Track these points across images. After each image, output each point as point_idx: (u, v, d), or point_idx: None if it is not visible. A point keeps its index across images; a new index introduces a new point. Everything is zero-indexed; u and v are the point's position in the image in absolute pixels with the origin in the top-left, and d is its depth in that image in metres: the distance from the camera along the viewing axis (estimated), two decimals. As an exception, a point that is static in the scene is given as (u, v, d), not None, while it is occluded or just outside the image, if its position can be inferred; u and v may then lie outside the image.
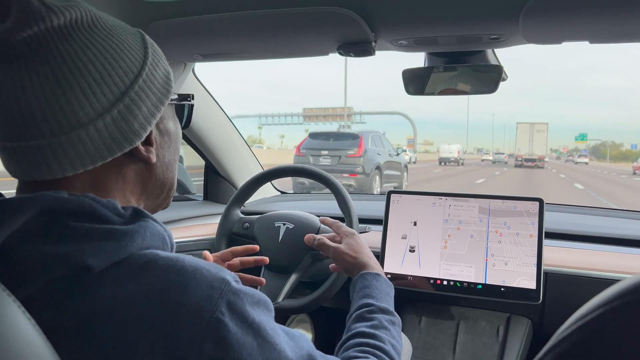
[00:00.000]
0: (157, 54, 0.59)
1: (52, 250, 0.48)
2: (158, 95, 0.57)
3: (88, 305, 0.48)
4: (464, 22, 0.94)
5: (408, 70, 1.17)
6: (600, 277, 1.18)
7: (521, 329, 1.27)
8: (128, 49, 0.55)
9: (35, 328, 0.44)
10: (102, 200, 0.53)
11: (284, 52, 1.21)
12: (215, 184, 1.85)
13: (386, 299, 0.87)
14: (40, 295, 0.48)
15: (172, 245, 0.58)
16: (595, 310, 0.37)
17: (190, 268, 0.51)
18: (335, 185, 1.30)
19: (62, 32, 0.51)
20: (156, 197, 0.63)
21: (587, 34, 0.94)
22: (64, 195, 0.51)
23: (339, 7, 0.92)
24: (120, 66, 0.53)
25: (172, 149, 0.63)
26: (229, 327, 0.49)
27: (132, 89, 0.54)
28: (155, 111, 0.57)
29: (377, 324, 0.78)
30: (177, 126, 0.65)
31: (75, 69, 0.51)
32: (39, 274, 0.48)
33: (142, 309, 0.48)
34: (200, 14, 1.00)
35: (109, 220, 0.52)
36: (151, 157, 0.58)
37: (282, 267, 1.30)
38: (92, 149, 0.52)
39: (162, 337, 0.47)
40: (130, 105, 0.54)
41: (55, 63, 0.50)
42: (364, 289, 0.87)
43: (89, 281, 0.48)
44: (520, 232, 1.22)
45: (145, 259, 0.51)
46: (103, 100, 0.52)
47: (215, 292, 0.50)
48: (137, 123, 0.55)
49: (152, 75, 0.57)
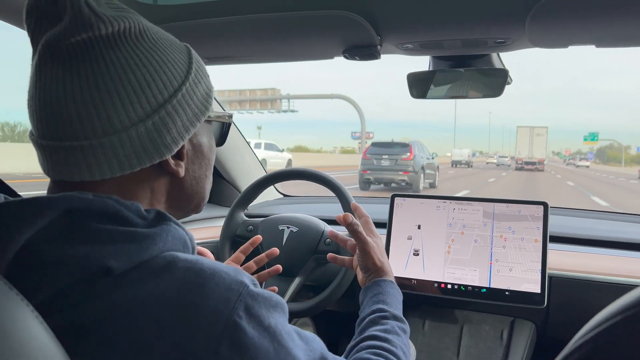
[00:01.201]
0: (201, 71, 0.61)
1: (74, 251, 0.49)
2: (195, 111, 0.58)
3: (107, 307, 0.48)
4: (470, 26, 0.94)
5: (412, 73, 1.17)
6: (605, 281, 1.18)
7: (525, 333, 1.27)
8: (172, 62, 0.56)
9: (48, 333, 0.44)
10: (125, 202, 0.54)
11: (289, 56, 1.21)
12: (218, 187, 1.85)
13: (398, 307, 0.87)
14: (62, 296, 0.48)
15: (193, 249, 0.59)
16: (613, 317, 0.37)
17: (208, 270, 0.51)
18: (339, 189, 1.29)
19: (109, 41, 0.53)
20: (182, 209, 0.64)
21: (594, 38, 0.93)
22: (89, 196, 0.52)
23: (345, 11, 0.91)
24: (161, 78, 0.55)
25: (204, 165, 0.64)
26: (246, 330, 0.50)
27: (170, 102, 0.55)
28: (190, 126, 0.58)
29: (390, 329, 0.79)
30: (211, 142, 0.65)
31: (116, 76, 0.52)
32: (61, 274, 0.49)
33: (160, 310, 0.48)
34: (206, 17, 1.00)
35: (131, 222, 0.53)
36: (179, 172, 0.59)
37: (286, 271, 1.29)
38: (122, 157, 0.53)
39: (178, 339, 0.48)
40: (165, 118, 0.55)
41: (98, 69, 0.52)
42: (378, 295, 0.87)
43: (109, 283, 0.49)
44: (525, 237, 1.22)
45: (165, 261, 0.52)
46: (139, 110, 0.53)
47: (233, 295, 0.50)
48: (170, 137, 0.56)
49: (192, 90, 0.58)
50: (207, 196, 0.67)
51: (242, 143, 1.81)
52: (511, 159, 52.55)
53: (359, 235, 0.92)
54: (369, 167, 13.58)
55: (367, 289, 0.90)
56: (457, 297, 1.25)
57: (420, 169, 13.50)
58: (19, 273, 0.48)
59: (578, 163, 59.24)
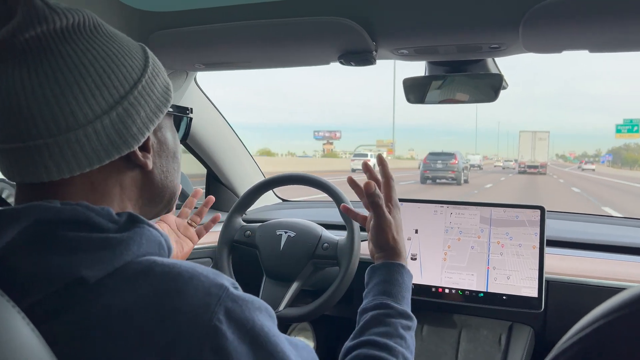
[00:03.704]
0: (157, 64, 0.60)
1: (45, 262, 0.48)
2: (157, 102, 0.58)
3: (84, 317, 0.47)
4: (464, 32, 0.94)
5: (409, 79, 1.17)
6: (602, 285, 1.18)
7: (523, 338, 1.27)
8: (129, 55, 0.56)
9: (39, 338, 0.44)
10: (95, 207, 0.52)
11: (286, 62, 1.21)
12: (216, 192, 1.85)
13: (406, 297, 0.80)
14: (37, 308, 0.47)
15: (169, 249, 0.58)
16: (597, 321, 0.37)
17: (187, 274, 0.50)
18: (337, 193, 1.30)
19: (63, 35, 0.52)
20: (155, 205, 0.63)
21: (587, 43, 0.94)
22: (57, 205, 0.51)
23: (340, 17, 0.92)
24: (120, 70, 0.54)
25: (170, 158, 0.63)
26: (227, 335, 0.48)
27: (131, 93, 0.55)
28: (153, 117, 0.57)
29: (392, 332, 0.73)
30: (175, 137, 0.65)
31: (75, 70, 0.51)
32: (35, 287, 0.47)
33: (139, 317, 0.47)
34: (202, 23, 1.01)
35: (103, 228, 0.51)
36: (148, 163, 0.58)
37: (284, 275, 1.29)
38: (90, 151, 0.52)
39: (160, 346, 0.47)
40: (129, 109, 0.54)
41: (55, 64, 0.51)
42: (385, 283, 0.79)
43: (84, 292, 0.48)
44: (523, 243, 1.21)
45: (142, 266, 0.50)
46: (102, 103, 0.52)
47: (212, 299, 0.49)
48: (136, 127, 0.55)
49: (151, 83, 0.57)
50: (177, 191, 0.66)
51: (240, 148, 1.82)
52: (515, 162, 55.58)
53: (378, 209, 0.83)
54: (428, 168, 21.35)
55: (375, 270, 0.83)
56: (455, 301, 1.25)
57: (462, 169, 21.01)
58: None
59: (584, 166, 57.71)
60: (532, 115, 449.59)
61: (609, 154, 65.14)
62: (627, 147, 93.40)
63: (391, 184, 0.88)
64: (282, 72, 33.47)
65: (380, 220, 0.83)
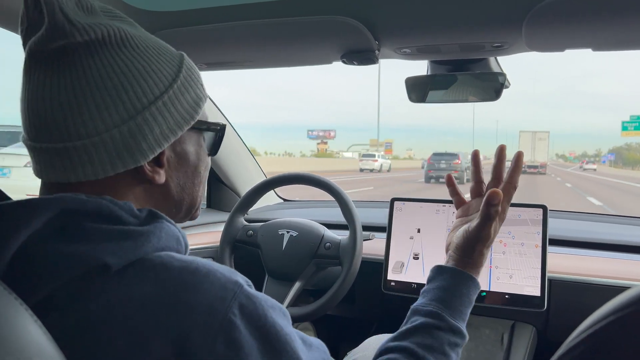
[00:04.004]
0: (190, 79, 0.61)
1: (70, 249, 0.50)
2: (178, 119, 0.59)
3: (105, 305, 0.49)
4: (467, 30, 0.94)
5: (411, 78, 1.17)
6: (604, 284, 1.18)
7: (526, 337, 1.27)
8: (155, 70, 0.57)
9: (46, 335, 0.44)
10: (119, 202, 0.55)
11: (289, 61, 1.22)
12: (218, 192, 1.85)
13: (464, 312, 0.75)
14: (59, 294, 0.49)
15: (186, 246, 0.60)
16: (605, 318, 0.37)
17: (204, 270, 0.52)
18: (339, 193, 1.30)
19: (87, 48, 0.54)
20: (172, 215, 0.64)
21: (590, 42, 0.94)
22: (82, 197, 0.53)
23: (342, 16, 0.92)
24: (140, 85, 0.55)
25: (190, 173, 0.64)
26: (241, 328, 0.50)
27: (148, 109, 0.56)
28: (169, 134, 0.58)
29: (436, 347, 0.69)
30: (199, 151, 0.65)
31: (92, 82, 0.53)
32: (58, 272, 0.49)
33: (156, 309, 0.49)
34: (205, 23, 1.01)
35: (125, 221, 0.54)
36: (156, 178, 0.59)
37: (286, 275, 1.30)
38: (97, 161, 0.54)
39: (175, 337, 0.48)
40: (142, 125, 0.55)
41: (76, 74, 0.53)
42: (447, 292, 0.74)
43: (106, 280, 0.50)
44: (525, 242, 1.21)
45: (160, 260, 0.52)
46: (115, 116, 0.54)
47: (228, 293, 0.51)
48: (146, 143, 0.56)
49: (176, 99, 0.58)
50: (196, 203, 0.67)
51: (242, 148, 1.82)
52: None
53: (487, 221, 0.75)
54: (432, 168, 21.98)
55: (442, 271, 0.78)
56: (457, 300, 1.25)
57: (464, 169, 21.43)
58: (17, 274, 0.49)
59: (585, 166, 57.86)
60: (532, 115, 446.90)
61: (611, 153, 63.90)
62: (629, 146, 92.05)
63: (512, 193, 0.80)
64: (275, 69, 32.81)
65: (482, 231, 0.75)
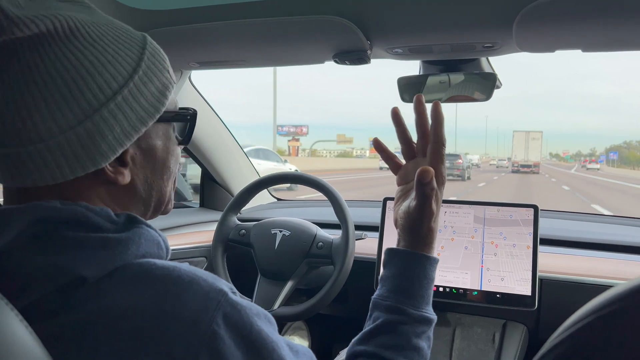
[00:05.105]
0: (154, 66, 0.55)
1: (46, 261, 0.48)
2: (141, 114, 0.53)
3: (83, 316, 0.47)
4: (458, 31, 0.95)
5: (403, 78, 1.17)
6: (595, 283, 1.19)
7: (517, 335, 1.27)
8: (112, 61, 0.51)
9: (35, 338, 0.43)
10: (94, 208, 0.52)
11: (281, 60, 1.22)
12: (211, 191, 1.85)
13: (426, 294, 0.70)
14: (36, 307, 0.47)
15: (167, 250, 0.57)
16: (587, 317, 0.38)
17: (186, 278, 0.50)
18: (332, 192, 1.30)
19: (32, 43, 0.48)
20: (143, 213, 0.61)
21: (580, 42, 0.95)
22: (56, 204, 0.50)
23: (334, 16, 0.92)
24: (95, 81, 0.49)
25: (158, 168, 0.59)
26: (225, 339, 0.48)
27: (106, 106, 0.50)
28: (132, 132, 0.53)
29: (403, 344, 0.66)
30: (168, 143, 0.60)
31: (40, 80, 0.48)
32: (35, 285, 0.47)
33: (137, 319, 0.47)
34: (197, 22, 1.01)
35: (102, 228, 0.51)
36: (119, 179, 0.54)
37: (278, 274, 1.30)
38: (53, 166, 0.49)
39: (158, 349, 0.46)
40: (100, 124, 0.50)
41: (21, 73, 0.48)
42: (404, 278, 0.69)
43: (84, 291, 0.48)
44: (517, 243, 1.21)
45: (142, 268, 0.50)
46: (69, 116, 0.49)
47: (211, 303, 0.49)
48: (106, 144, 0.51)
49: (138, 91, 0.52)
50: (166, 199, 0.63)
51: (235, 146, 1.81)
52: (508, 161, 59.07)
53: (425, 200, 0.67)
54: None
55: (395, 255, 0.72)
56: (449, 299, 1.26)
57: (465, 168, 24.79)
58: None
59: (588, 166, 58.03)
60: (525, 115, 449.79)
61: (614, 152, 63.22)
62: (629, 144, 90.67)
63: (442, 152, 0.70)
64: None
65: (423, 211, 0.68)
